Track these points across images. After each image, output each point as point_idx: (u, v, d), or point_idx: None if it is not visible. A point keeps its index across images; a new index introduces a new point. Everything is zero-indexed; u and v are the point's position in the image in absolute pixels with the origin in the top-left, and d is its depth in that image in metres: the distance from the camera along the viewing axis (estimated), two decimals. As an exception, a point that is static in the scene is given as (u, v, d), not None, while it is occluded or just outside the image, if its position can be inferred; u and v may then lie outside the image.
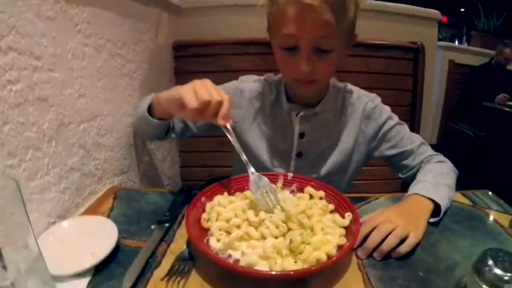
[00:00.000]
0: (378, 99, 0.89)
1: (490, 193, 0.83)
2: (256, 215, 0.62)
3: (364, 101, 0.87)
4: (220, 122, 0.62)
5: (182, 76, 1.47)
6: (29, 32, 0.60)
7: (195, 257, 0.59)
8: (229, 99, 0.64)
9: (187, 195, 0.80)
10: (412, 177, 0.82)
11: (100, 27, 0.84)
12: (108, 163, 0.94)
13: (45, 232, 0.64)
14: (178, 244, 0.64)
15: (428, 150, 0.86)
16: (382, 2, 1.51)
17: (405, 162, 0.86)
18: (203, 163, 1.53)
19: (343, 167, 0.89)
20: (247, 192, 0.69)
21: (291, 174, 0.76)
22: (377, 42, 1.35)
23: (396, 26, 1.51)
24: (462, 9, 8.36)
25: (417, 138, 0.87)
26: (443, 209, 0.67)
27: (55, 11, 0.67)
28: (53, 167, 0.70)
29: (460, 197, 0.81)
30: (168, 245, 0.64)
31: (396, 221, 0.59)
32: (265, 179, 0.68)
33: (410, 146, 0.85)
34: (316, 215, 0.62)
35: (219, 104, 0.61)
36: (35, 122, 0.64)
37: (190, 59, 1.44)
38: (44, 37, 0.64)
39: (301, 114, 0.84)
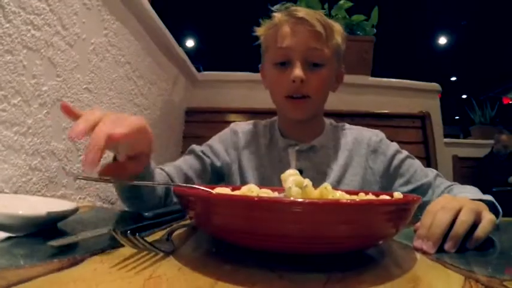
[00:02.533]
0: (382, 134, 0.84)
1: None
2: None
3: (368, 136, 0.82)
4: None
5: (189, 140, 1.49)
6: (66, 2, 0.67)
7: (176, 245, 0.39)
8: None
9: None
10: None
11: (124, 46, 0.93)
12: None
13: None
14: (157, 235, 0.45)
15: (445, 181, 0.77)
16: (386, 79, 1.67)
17: (424, 198, 0.76)
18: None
19: None
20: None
21: None
22: (384, 112, 1.41)
23: (400, 99, 1.61)
24: (457, 117, 8.86)
25: (431, 171, 0.79)
26: (498, 207, 0.55)
27: (91, 4, 0.75)
28: (34, 134, 0.64)
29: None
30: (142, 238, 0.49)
31: (461, 200, 0.46)
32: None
33: (426, 179, 0.76)
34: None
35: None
36: (36, 76, 0.62)
37: (200, 124, 1.49)
38: (76, 16, 0.70)
39: (297, 148, 0.79)
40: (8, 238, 0.38)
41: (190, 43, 7.06)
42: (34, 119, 0.63)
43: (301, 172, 0.76)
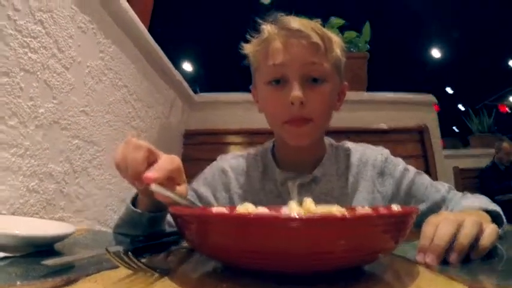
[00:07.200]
0: (387, 151, 0.78)
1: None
2: None
3: (373, 156, 0.75)
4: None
5: (189, 163, 1.49)
6: (61, 25, 0.68)
7: (173, 266, 0.40)
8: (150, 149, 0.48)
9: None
10: None
11: (121, 70, 0.94)
12: (91, 200, 0.83)
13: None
14: (154, 257, 0.44)
15: (458, 193, 0.73)
16: (381, 93, 1.67)
17: None
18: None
19: None
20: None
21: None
22: (381, 127, 1.40)
23: (397, 113, 1.60)
24: (454, 127, 8.76)
25: (442, 185, 0.75)
26: (503, 216, 0.53)
27: (87, 27, 0.77)
28: (31, 156, 0.63)
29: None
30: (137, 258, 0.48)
31: (461, 214, 0.45)
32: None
33: (440, 195, 0.71)
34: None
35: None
36: (33, 98, 0.62)
37: (198, 146, 1.49)
38: (71, 39, 0.71)
39: (298, 182, 0.69)
40: (4, 258, 0.37)
41: (188, 67, 7.21)
42: (31, 140, 0.63)
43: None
